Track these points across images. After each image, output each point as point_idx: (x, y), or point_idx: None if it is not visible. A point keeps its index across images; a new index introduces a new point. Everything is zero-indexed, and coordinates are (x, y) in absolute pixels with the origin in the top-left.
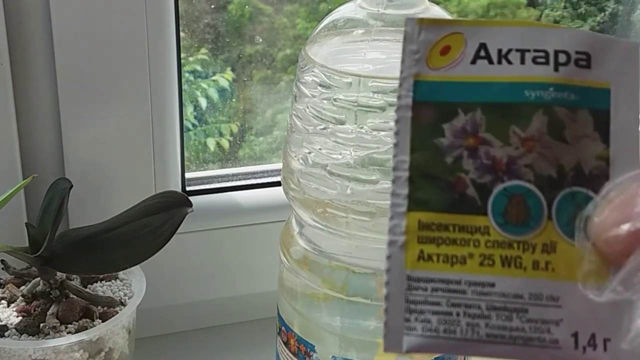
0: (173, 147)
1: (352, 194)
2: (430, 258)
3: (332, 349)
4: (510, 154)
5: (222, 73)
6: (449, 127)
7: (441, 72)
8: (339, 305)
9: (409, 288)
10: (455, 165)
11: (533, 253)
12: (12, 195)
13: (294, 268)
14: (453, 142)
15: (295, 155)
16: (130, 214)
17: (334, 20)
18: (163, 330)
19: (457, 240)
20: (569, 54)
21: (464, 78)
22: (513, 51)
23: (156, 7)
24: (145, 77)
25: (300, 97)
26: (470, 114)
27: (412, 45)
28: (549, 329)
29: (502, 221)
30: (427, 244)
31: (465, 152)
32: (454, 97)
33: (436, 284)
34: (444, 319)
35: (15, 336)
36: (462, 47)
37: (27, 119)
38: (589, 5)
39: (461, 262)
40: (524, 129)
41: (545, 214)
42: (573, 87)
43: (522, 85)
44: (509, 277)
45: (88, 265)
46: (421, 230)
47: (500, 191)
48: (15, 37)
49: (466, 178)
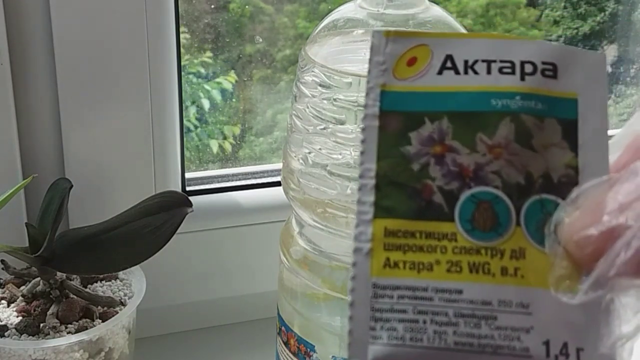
0: (173, 147)
1: (352, 194)
2: (397, 265)
3: (332, 349)
4: (478, 160)
5: (225, 75)
6: (416, 136)
7: (408, 83)
8: (339, 305)
9: (375, 296)
10: (422, 172)
11: (501, 259)
12: (12, 195)
13: (294, 268)
14: (420, 150)
15: (295, 155)
16: (130, 214)
17: (334, 20)
18: (163, 330)
19: (423, 247)
20: (535, 64)
21: (430, 88)
22: (479, 62)
23: (156, 7)
24: (145, 77)
25: (300, 97)
26: (437, 122)
27: (378, 57)
28: (519, 336)
29: (470, 227)
30: (393, 251)
31: (432, 160)
32: (420, 107)
33: (402, 291)
34: (411, 326)
35: (15, 336)
36: (429, 59)
37: (27, 119)
38: (589, 5)
39: (428, 269)
40: (491, 137)
41: (513, 220)
42: (540, 96)
43: (489, 94)
44: (477, 284)
45: (88, 265)
46: (387, 237)
47: (468, 197)
48: (15, 37)
49: (433, 185)
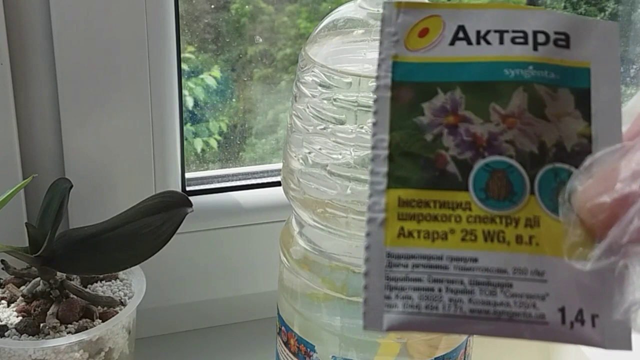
0: (173, 147)
1: (352, 194)
2: (411, 234)
3: (332, 349)
4: (491, 130)
5: (209, 71)
6: (429, 106)
7: (420, 54)
8: (339, 305)
9: (389, 265)
10: (435, 142)
11: (516, 227)
12: (12, 195)
13: (294, 268)
14: (433, 120)
15: (295, 155)
16: (130, 214)
17: (334, 20)
18: (163, 330)
19: (438, 217)
20: (548, 34)
21: (442, 59)
22: (491, 32)
23: (156, 7)
24: (145, 77)
25: (300, 97)
26: (450, 92)
27: (390, 28)
28: (534, 303)
29: (484, 196)
30: (407, 220)
31: (445, 130)
32: (432, 77)
33: (417, 260)
34: (426, 294)
35: (15, 336)
36: (441, 29)
37: (27, 119)
38: (589, 5)
39: (442, 238)
40: (504, 106)
41: (527, 189)
42: (553, 66)
43: (502, 64)
44: (492, 252)
45: (88, 265)
46: (401, 207)
47: (482, 167)
48: (15, 37)
49: (446, 155)
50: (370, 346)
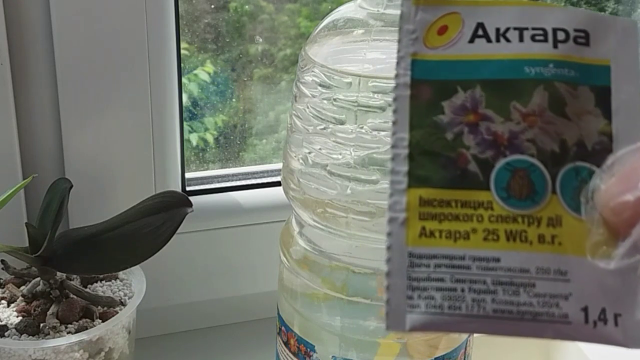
0: (173, 147)
1: (352, 194)
2: (433, 234)
3: (332, 349)
4: (512, 129)
5: (202, 67)
6: (449, 105)
7: (439, 51)
8: (339, 305)
9: (411, 265)
10: (456, 141)
11: (538, 227)
12: (12, 195)
13: (294, 268)
14: (453, 119)
15: (295, 155)
16: (130, 214)
17: (334, 20)
18: (163, 330)
19: (459, 216)
20: (568, 31)
21: (462, 56)
22: (511, 29)
23: (156, 7)
24: (145, 77)
25: (300, 97)
26: (470, 91)
27: (408, 25)
28: (557, 303)
29: (506, 195)
30: (429, 220)
31: (466, 128)
32: (452, 75)
33: (439, 260)
34: (449, 294)
35: (15, 336)
36: (460, 27)
37: (27, 119)
38: (589, 5)
39: (464, 238)
40: (525, 104)
41: (549, 188)
42: (573, 64)
43: (522, 61)
44: (514, 252)
45: (88, 265)
46: (422, 206)
47: (503, 165)
48: (15, 37)
49: (467, 153)
50: (370, 346)
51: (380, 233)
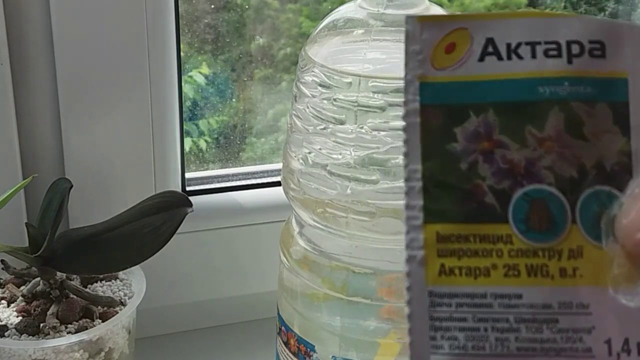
0: (173, 147)
1: (352, 194)
2: (452, 272)
3: (332, 349)
4: (528, 156)
5: (198, 69)
6: (461, 131)
7: (447, 72)
8: (339, 305)
9: (432, 305)
10: (471, 171)
11: (559, 260)
12: (12, 195)
13: (294, 268)
14: (466, 147)
15: (295, 155)
16: (130, 214)
17: (334, 20)
18: (163, 330)
19: (479, 252)
20: (582, 44)
21: (472, 77)
22: (523, 45)
23: (156, 7)
24: (145, 77)
25: (300, 97)
26: (483, 115)
27: (414, 45)
28: (581, 337)
29: (525, 228)
30: (448, 257)
31: (480, 157)
32: (463, 98)
33: (461, 298)
34: (472, 335)
35: (15, 336)
36: (468, 44)
37: (27, 119)
38: (589, 5)
39: (485, 274)
40: (540, 129)
41: (569, 217)
42: (589, 79)
43: (535, 81)
44: (536, 287)
45: (88, 265)
46: (440, 243)
47: (521, 196)
48: (15, 37)
49: (483, 185)
50: (370, 346)
51: (380, 233)
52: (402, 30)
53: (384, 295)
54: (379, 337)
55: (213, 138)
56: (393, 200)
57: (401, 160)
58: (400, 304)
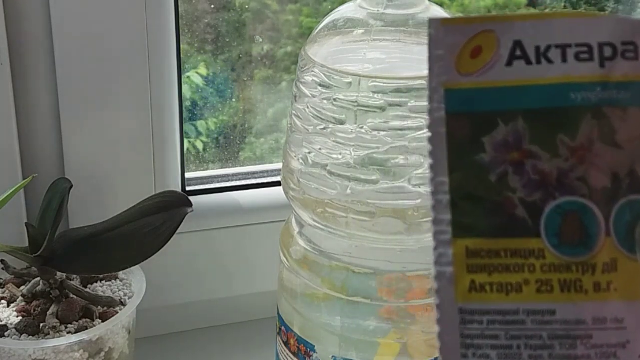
0: (173, 147)
1: (352, 194)
2: (483, 288)
3: (332, 349)
4: (561, 166)
5: (195, 69)
6: (490, 141)
7: (474, 78)
8: (339, 305)
9: (463, 322)
10: (501, 183)
11: (593, 274)
12: (12, 195)
13: (294, 268)
14: (495, 158)
15: (295, 155)
16: (130, 214)
17: (334, 20)
18: (163, 330)
19: (510, 267)
20: (615, 45)
21: (500, 83)
22: (553, 48)
23: (156, 7)
24: (145, 77)
25: (300, 97)
26: (512, 123)
27: (438, 50)
28: (615, 352)
29: (557, 242)
30: (478, 273)
31: (510, 168)
32: (491, 106)
33: (492, 315)
34: (505, 352)
35: (15, 336)
36: (495, 47)
37: (27, 119)
38: (588, 5)
39: (517, 290)
40: (572, 137)
41: (603, 230)
42: (622, 83)
43: (567, 86)
44: (569, 303)
45: (88, 265)
46: (470, 258)
47: (553, 209)
48: (15, 37)
49: (514, 197)
50: (370, 346)
51: (380, 233)
52: (402, 30)
53: (384, 295)
54: (379, 337)
55: (213, 139)
56: (393, 200)
57: (401, 160)
58: (400, 303)
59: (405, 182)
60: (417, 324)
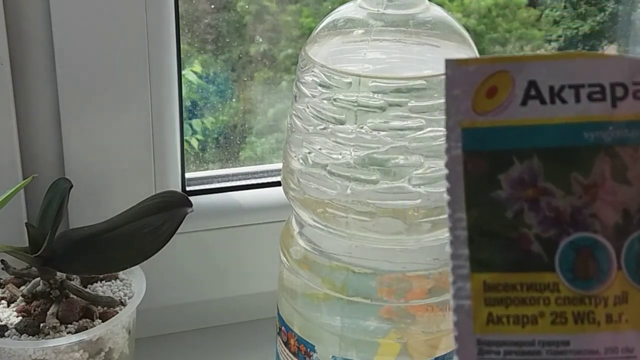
0: (173, 147)
1: (352, 194)
2: (500, 320)
3: (332, 349)
4: (574, 203)
5: (190, 66)
6: (505, 178)
7: (489, 117)
8: (339, 305)
9: (481, 352)
10: (517, 220)
11: (605, 306)
12: (12, 195)
13: (294, 268)
14: (511, 195)
15: (295, 155)
16: (130, 214)
17: (334, 20)
18: (163, 330)
19: (526, 300)
20: (626, 86)
21: (515, 122)
22: (566, 88)
23: (156, 7)
24: (145, 77)
25: (300, 97)
26: (527, 161)
27: (455, 90)
28: None
29: (571, 277)
30: (495, 305)
31: (526, 205)
32: (507, 144)
33: (509, 346)
34: None
35: (15, 336)
36: (510, 87)
37: (27, 119)
38: (589, 5)
39: (532, 322)
40: (585, 175)
41: (614, 264)
42: (633, 123)
43: (580, 126)
44: (583, 334)
45: (88, 265)
46: (487, 292)
47: (567, 245)
48: (15, 37)
49: (529, 233)
50: (370, 346)
51: (380, 233)
52: (402, 30)
53: (384, 295)
54: (379, 337)
55: (213, 138)
56: (393, 200)
57: (401, 160)
58: (400, 303)
59: (405, 182)
60: (417, 324)
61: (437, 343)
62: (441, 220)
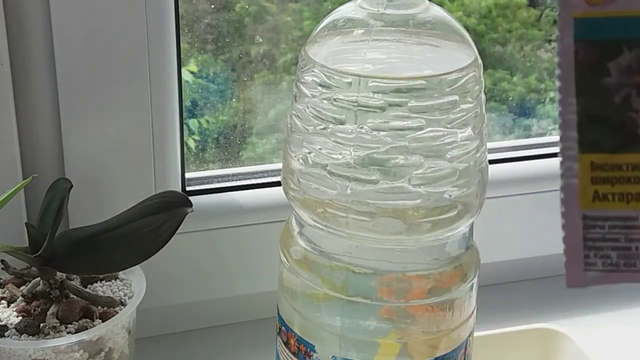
0: (173, 147)
1: (352, 194)
2: (606, 197)
3: (332, 349)
4: None
5: (186, 65)
6: (615, 66)
7: (600, 7)
8: (339, 305)
9: (586, 227)
10: (624, 105)
11: None
12: (12, 195)
13: (294, 268)
14: (620, 81)
15: (295, 155)
16: (130, 214)
17: (334, 20)
18: (163, 330)
19: (631, 179)
20: None
21: (625, 12)
22: None
23: (156, 7)
24: (145, 77)
25: (300, 97)
26: (636, 50)
27: None
28: None
29: None
30: (601, 184)
31: (634, 91)
32: (616, 33)
33: (613, 221)
34: (624, 253)
35: (15, 336)
36: None
37: (27, 119)
38: None
39: (636, 199)
40: None
41: None
42: None
43: None
44: None
45: (88, 265)
46: (594, 171)
47: None
48: (15, 37)
49: (636, 117)
50: (370, 346)
51: (380, 233)
52: (402, 30)
53: (384, 295)
54: (379, 337)
55: (213, 138)
56: (393, 200)
57: (401, 160)
58: (400, 303)
59: (405, 182)
60: (417, 324)
61: (437, 343)
62: (441, 220)
